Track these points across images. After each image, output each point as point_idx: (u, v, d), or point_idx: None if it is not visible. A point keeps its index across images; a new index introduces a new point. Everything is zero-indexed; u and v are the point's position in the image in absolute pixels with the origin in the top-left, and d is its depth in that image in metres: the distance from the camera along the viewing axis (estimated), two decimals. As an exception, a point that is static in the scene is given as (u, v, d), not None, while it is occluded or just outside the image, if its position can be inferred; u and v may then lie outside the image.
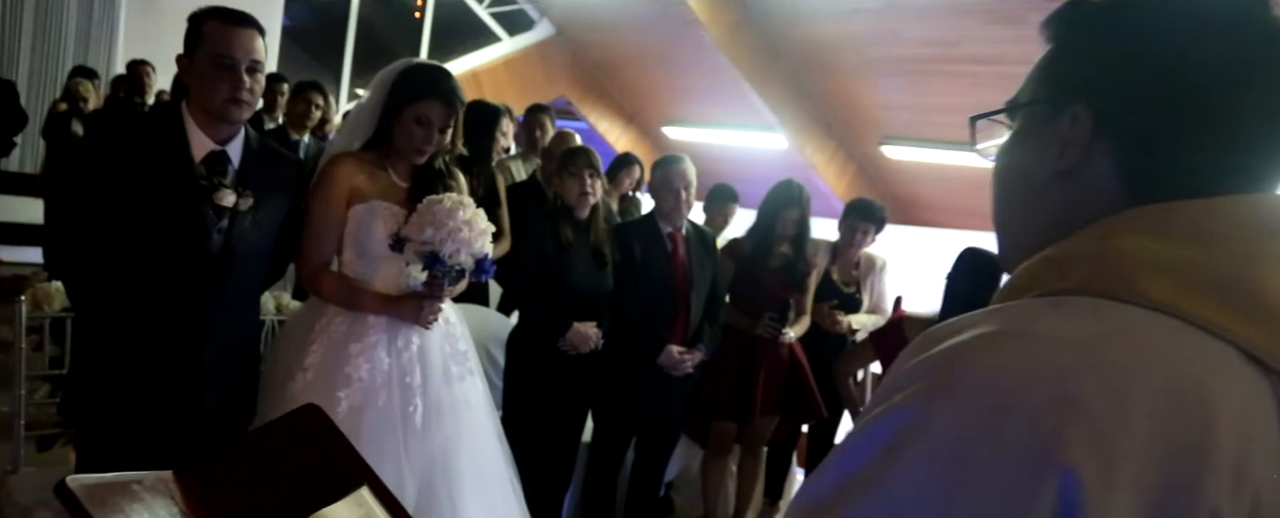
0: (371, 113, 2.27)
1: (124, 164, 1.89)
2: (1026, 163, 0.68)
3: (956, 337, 0.57)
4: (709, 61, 8.16)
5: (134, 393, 1.92)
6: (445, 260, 2.11)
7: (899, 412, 0.55)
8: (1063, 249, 0.63)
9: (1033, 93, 0.69)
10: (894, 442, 0.54)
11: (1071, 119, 0.64)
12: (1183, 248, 0.59)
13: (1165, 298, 0.57)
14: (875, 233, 3.78)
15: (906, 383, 0.56)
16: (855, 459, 0.56)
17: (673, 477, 3.63)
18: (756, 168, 8.14)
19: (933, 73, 7.19)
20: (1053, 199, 0.66)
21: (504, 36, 9.68)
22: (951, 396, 0.54)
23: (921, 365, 0.57)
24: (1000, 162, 0.72)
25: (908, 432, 0.54)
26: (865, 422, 0.57)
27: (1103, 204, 0.63)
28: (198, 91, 1.95)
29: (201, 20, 1.95)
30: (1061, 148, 0.65)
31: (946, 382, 0.54)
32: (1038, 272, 0.63)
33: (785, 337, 3.30)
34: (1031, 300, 0.61)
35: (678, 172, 3.14)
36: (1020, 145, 0.70)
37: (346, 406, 2.09)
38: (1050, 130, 0.66)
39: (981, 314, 0.59)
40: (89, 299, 1.98)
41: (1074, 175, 0.65)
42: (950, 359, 0.56)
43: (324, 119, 4.61)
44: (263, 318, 2.44)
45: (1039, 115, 0.67)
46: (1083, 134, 0.64)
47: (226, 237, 1.96)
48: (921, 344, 0.59)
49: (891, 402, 0.56)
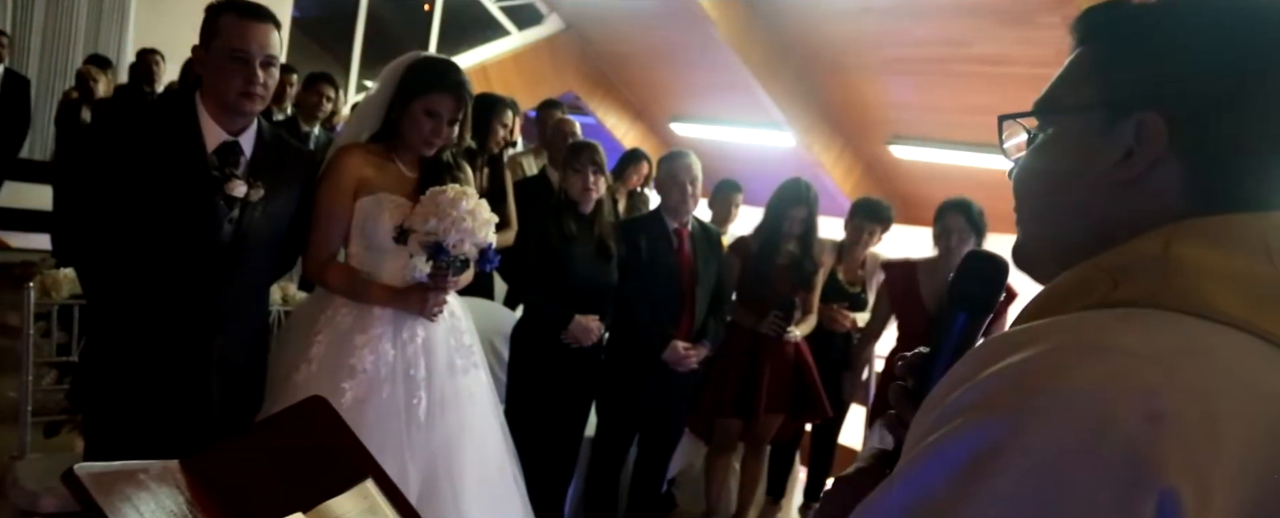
0: (380, 105, 2.27)
1: (135, 152, 1.90)
2: (1071, 167, 0.66)
3: (1025, 350, 0.54)
4: (718, 58, 8.15)
5: (142, 381, 1.93)
6: (449, 250, 2.12)
7: (977, 431, 0.52)
8: (1118, 258, 0.61)
9: (1081, 96, 0.66)
10: (977, 462, 0.51)
11: (1137, 127, 0.62)
12: (1250, 261, 0.58)
13: (1237, 312, 0.56)
14: (881, 233, 3.78)
15: (975, 400, 0.54)
16: (929, 481, 0.53)
17: (675, 473, 3.63)
18: (764, 165, 8.13)
19: (942, 73, 7.16)
20: (1105, 206, 0.64)
21: (513, 30, 9.67)
22: (1034, 413, 0.51)
23: (991, 381, 0.54)
24: (1034, 163, 0.69)
25: (992, 452, 0.51)
26: (932, 441, 0.54)
27: (1162, 213, 0.61)
28: (212, 83, 1.96)
29: (218, 13, 1.95)
30: (1123, 155, 0.63)
31: (1029, 398, 0.52)
32: (1088, 280, 0.61)
33: (790, 335, 3.30)
34: (1099, 313, 0.58)
35: (683, 166, 3.14)
36: (1061, 149, 0.67)
37: (351, 397, 2.10)
38: (1107, 137, 0.64)
39: (1041, 327, 0.57)
40: (100, 286, 1.99)
41: (1136, 184, 0.63)
42: (1027, 374, 0.53)
43: (334, 111, 4.62)
44: (269, 308, 2.44)
45: (1092, 121, 0.65)
46: (1157, 143, 0.62)
47: (237, 227, 1.97)
48: (980, 357, 0.57)
49: (962, 420, 0.53)
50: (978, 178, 7.26)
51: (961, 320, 0.71)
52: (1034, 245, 0.70)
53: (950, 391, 0.56)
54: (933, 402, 0.58)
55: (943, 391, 0.57)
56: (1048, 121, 0.69)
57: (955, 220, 3.14)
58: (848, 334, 3.65)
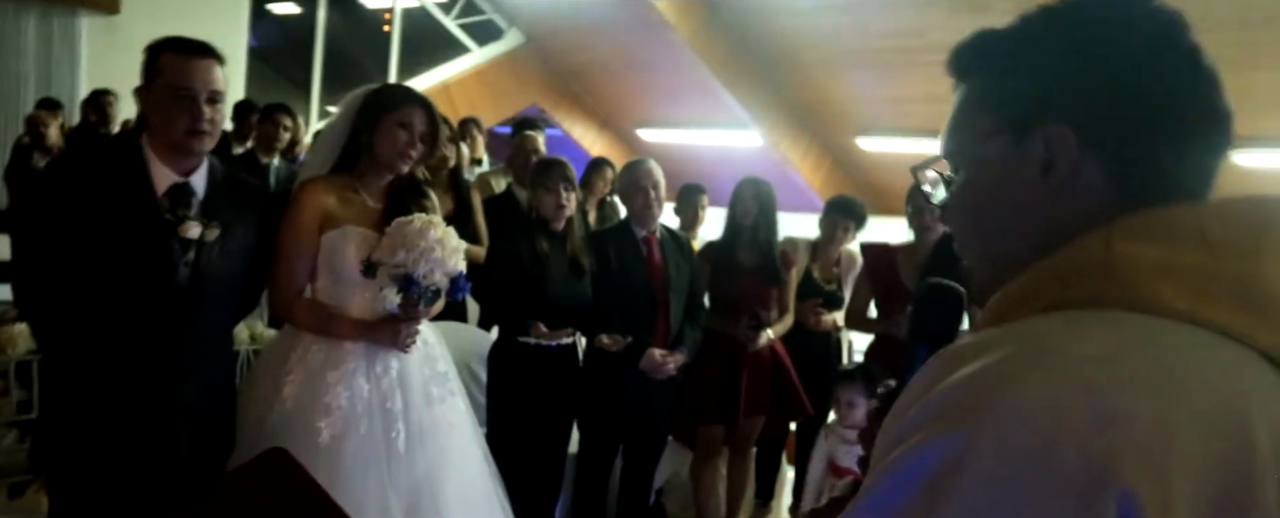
0: (340, 135, 2.25)
1: (85, 199, 1.85)
2: (997, 194, 0.68)
3: (976, 361, 0.55)
4: (680, 62, 8.16)
5: (107, 434, 1.88)
6: (420, 282, 2.09)
7: (933, 447, 0.52)
8: (1061, 261, 0.62)
9: (982, 127, 0.68)
10: (936, 479, 0.51)
11: (1045, 140, 0.64)
12: (1189, 253, 0.58)
13: (1182, 305, 0.56)
14: (856, 229, 3.78)
15: (931, 415, 0.54)
16: (891, 501, 0.53)
17: (662, 482, 3.60)
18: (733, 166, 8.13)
19: (903, 63, 7.21)
20: (1042, 218, 0.65)
21: (473, 47, 9.62)
22: (988, 425, 0.51)
23: (946, 395, 0.54)
24: (960, 201, 0.71)
25: (949, 468, 0.51)
26: (892, 459, 0.54)
27: (1096, 213, 0.62)
28: (157, 124, 1.91)
29: (158, 52, 1.91)
30: (1043, 169, 0.64)
31: (980, 411, 0.52)
32: (1035, 286, 0.62)
33: (761, 340, 3.28)
34: (1044, 318, 0.59)
35: (643, 172, 3.14)
36: (982, 181, 0.69)
37: (328, 435, 2.06)
38: (1019, 156, 0.65)
39: (992, 336, 0.57)
40: (57, 339, 1.94)
41: (1062, 191, 0.64)
42: (977, 387, 0.53)
43: (294, 140, 4.55)
44: (237, 348, 2.39)
45: (1000, 144, 0.67)
46: (1069, 149, 0.63)
47: (194, 269, 1.92)
48: (934, 371, 0.57)
49: (920, 437, 0.53)
50: (945, 165, 7.31)
51: (924, 354, 0.70)
52: (985, 278, 0.70)
53: (908, 407, 0.56)
54: (892, 419, 0.58)
55: (901, 407, 0.57)
56: (960, 159, 0.70)
57: (923, 200, 3.14)
58: (826, 334, 3.64)
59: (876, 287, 3.32)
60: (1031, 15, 0.67)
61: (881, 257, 3.32)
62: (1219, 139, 0.65)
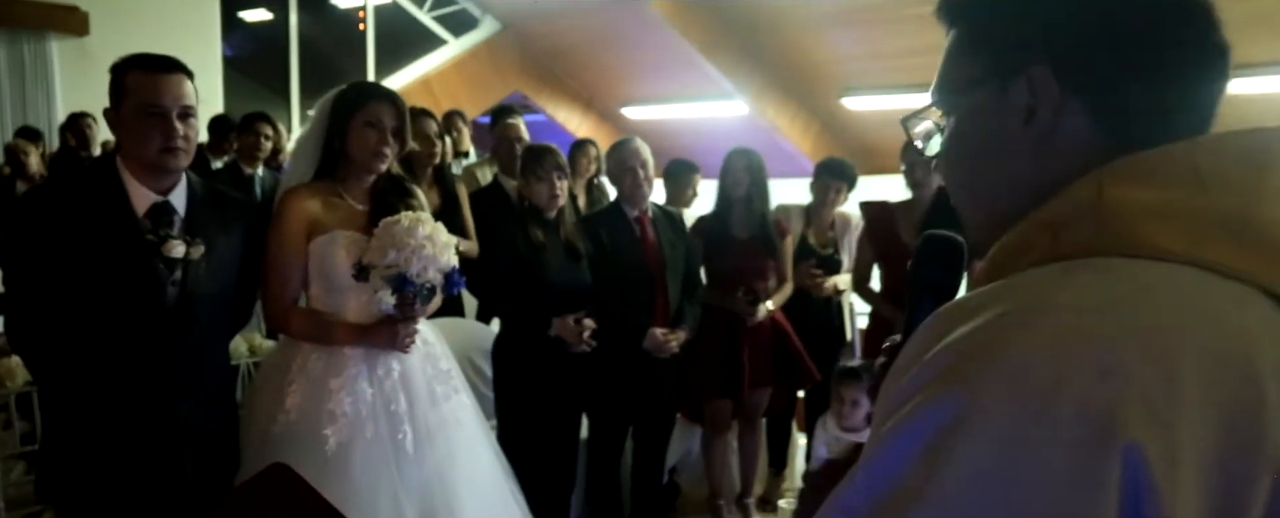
0: (317, 140, 2.22)
1: (66, 227, 1.82)
2: (986, 142, 0.66)
3: (971, 320, 0.53)
4: (658, 37, 8.09)
5: (111, 460, 1.87)
6: (414, 280, 2.07)
7: (932, 410, 0.51)
8: (1052, 211, 0.60)
9: (970, 73, 0.67)
10: (936, 441, 0.50)
11: (1028, 83, 0.62)
12: (1183, 193, 0.57)
13: (1177, 247, 0.55)
14: (847, 191, 3.76)
15: (929, 378, 0.53)
16: (891, 466, 0.52)
17: (675, 461, 3.61)
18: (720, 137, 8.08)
19: (882, 20, 7.15)
20: (1030, 167, 0.64)
21: (449, 39, 9.54)
22: (987, 384, 0.50)
23: (942, 356, 0.53)
24: (954, 150, 0.70)
25: (948, 429, 0.50)
26: (891, 426, 0.53)
27: (1085, 159, 0.61)
28: (130, 144, 1.88)
29: (124, 71, 1.87)
30: (1026, 114, 0.63)
31: (977, 371, 0.51)
32: (1028, 237, 0.61)
33: (759, 313, 3.26)
34: (1037, 271, 0.57)
35: (630, 151, 3.12)
36: (970, 128, 0.68)
37: (334, 442, 2.05)
38: (1005, 101, 0.64)
39: (987, 293, 0.56)
40: (51, 370, 1.92)
41: (1049, 137, 0.63)
42: (975, 346, 0.52)
43: (276, 149, 4.51)
44: (236, 362, 2.38)
45: (988, 92, 0.65)
46: (1050, 93, 0.62)
47: (181, 288, 1.90)
48: (931, 332, 0.55)
49: (918, 400, 0.52)
50: (934, 119, 7.28)
51: (927, 307, 0.69)
52: (980, 230, 0.69)
53: (906, 369, 0.55)
54: (891, 379, 0.57)
55: (899, 367, 0.57)
56: (949, 106, 0.69)
57: (918, 153, 3.11)
58: (827, 299, 3.63)
59: (877, 245, 3.30)
60: None
61: (880, 215, 3.30)
62: (1215, 73, 0.63)
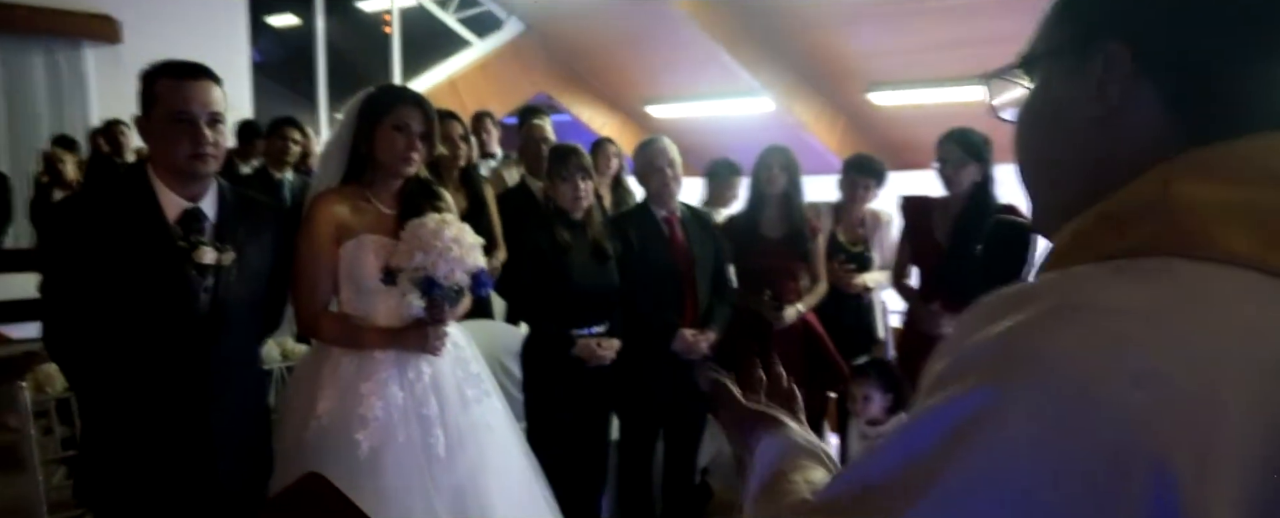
0: (344, 144, 2.23)
1: (100, 234, 1.84)
2: (1057, 115, 0.63)
3: (1016, 314, 0.51)
4: (682, 34, 8.06)
5: (146, 466, 1.88)
6: (442, 283, 2.07)
7: (965, 399, 0.50)
8: (1116, 203, 0.57)
9: (1050, 40, 0.64)
10: (960, 430, 0.49)
11: (1104, 57, 0.59)
12: (1256, 192, 0.53)
13: (1244, 250, 0.51)
14: (876, 187, 3.71)
15: (966, 367, 0.51)
16: (912, 445, 0.51)
17: (706, 463, 3.58)
18: (747, 134, 8.05)
19: (909, 13, 7.08)
20: (1094, 150, 0.60)
21: (474, 40, 9.58)
22: (1021, 381, 0.48)
23: (983, 348, 0.51)
24: (1024, 119, 0.66)
25: (975, 420, 0.48)
26: (924, 407, 0.52)
27: (1155, 149, 0.57)
28: (160, 151, 1.89)
29: (154, 78, 1.88)
30: (1098, 90, 0.59)
31: (1014, 366, 0.49)
32: (1090, 231, 0.58)
33: (787, 317, 3.22)
34: (1092, 267, 0.54)
35: (658, 150, 3.09)
36: (1046, 98, 0.64)
37: (367, 447, 2.05)
38: (1080, 75, 0.60)
39: (1037, 286, 0.54)
40: (86, 376, 1.93)
41: (1116, 119, 0.59)
42: (1013, 341, 0.50)
43: (305, 153, 4.54)
44: (269, 367, 2.39)
45: (1065, 63, 0.62)
46: (1121, 71, 0.58)
47: (213, 294, 1.91)
48: (977, 318, 0.53)
49: (952, 388, 0.51)
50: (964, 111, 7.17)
51: None
52: (1044, 208, 0.66)
53: (947, 353, 0.54)
54: (933, 363, 0.55)
55: (941, 351, 0.55)
56: (1030, 73, 0.66)
57: (950, 150, 3.06)
58: (858, 296, 3.59)
59: (913, 242, 3.24)
60: None
61: (919, 211, 3.24)
62: None
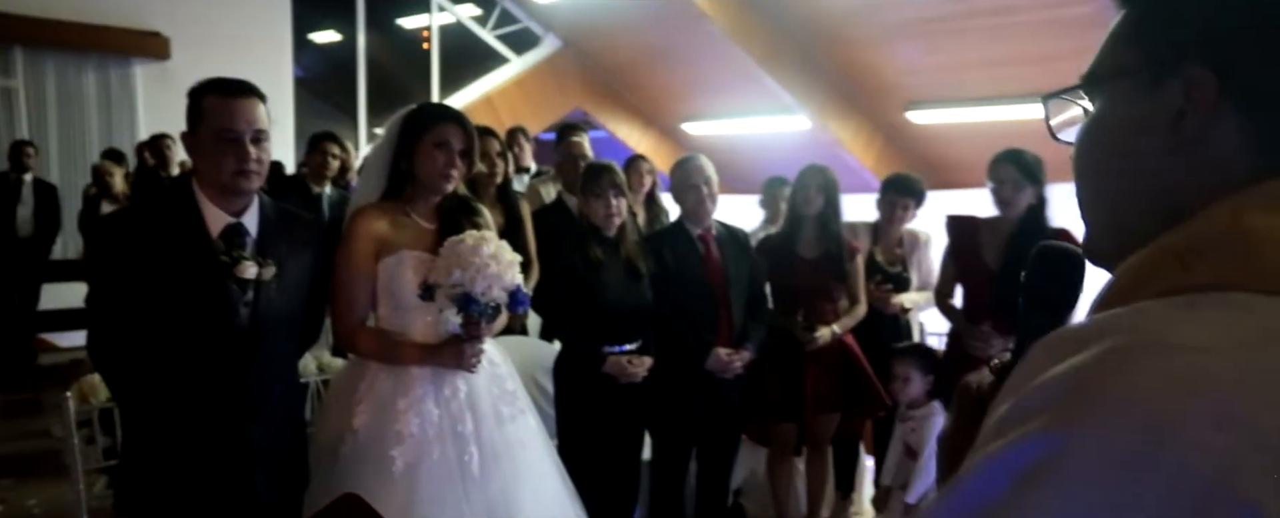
0: (385, 161, 2.25)
1: (145, 247, 1.87)
2: (1124, 141, 0.60)
3: (1080, 353, 0.49)
4: (719, 52, 8.07)
5: (184, 478, 1.90)
6: (479, 299, 2.07)
7: (1028, 445, 0.47)
8: (1185, 235, 0.54)
9: (1118, 59, 0.61)
10: (1029, 476, 0.46)
11: (1185, 83, 0.56)
12: None
13: None
14: (915, 207, 3.66)
15: (1031, 410, 0.48)
16: (984, 492, 0.48)
17: (740, 483, 3.54)
18: (782, 152, 8.03)
19: (951, 31, 7.02)
20: (1163, 179, 0.58)
21: (512, 57, 9.68)
22: (1090, 425, 0.46)
23: (1048, 390, 0.49)
24: (1086, 143, 0.64)
25: (1041, 468, 0.46)
26: (984, 454, 0.49)
27: (1228, 178, 0.55)
28: (205, 167, 1.92)
29: (201, 95, 1.92)
30: (1175, 117, 0.57)
31: (1081, 409, 0.46)
32: (1155, 264, 0.55)
33: (818, 339, 3.18)
34: (1159, 303, 0.52)
35: (694, 168, 3.08)
36: (1112, 122, 0.62)
37: (402, 463, 2.05)
38: (1154, 100, 0.58)
39: (1102, 322, 0.51)
40: (128, 387, 1.96)
41: (1193, 148, 0.56)
42: (1080, 382, 0.48)
43: (344, 167, 4.60)
44: (305, 380, 2.41)
45: (1138, 84, 0.59)
46: (1206, 98, 0.55)
47: (253, 308, 1.93)
48: (1039, 360, 0.51)
49: (1017, 432, 0.48)
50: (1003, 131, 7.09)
51: (1039, 324, 0.64)
52: (1101, 235, 0.63)
53: (1009, 396, 0.51)
54: (996, 406, 0.52)
55: (1000, 398, 0.52)
56: (1094, 94, 0.64)
57: (1007, 170, 2.99)
58: (896, 317, 3.54)
59: (959, 263, 3.18)
60: None
61: (965, 231, 3.17)
62: None
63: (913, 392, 2.97)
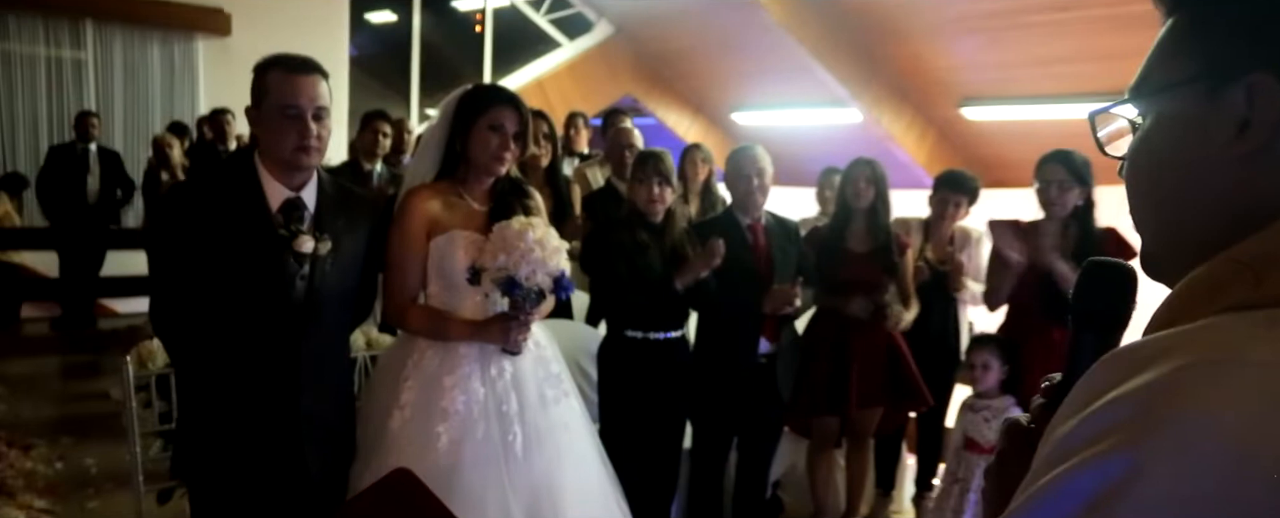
0: (440, 141, 2.27)
1: (206, 220, 1.92)
2: (1184, 151, 0.58)
3: (1147, 371, 0.47)
4: (772, 42, 8.00)
5: (236, 446, 1.95)
6: (522, 284, 2.08)
7: (1094, 470, 0.45)
8: (1256, 248, 0.52)
9: (1171, 71, 0.59)
10: (1100, 500, 0.45)
11: (1247, 91, 0.54)
12: None
13: None
14: (968, 205, 3.59)
15: (1099, 431, 0.47)
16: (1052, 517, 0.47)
17: (779, 475, 3.53)
18: (832, 145, 7.94)
19: (1010, 26, 6.87)
20: (1228, 189, 0.56)
21: (564, 42, 9.70)
22: (1161, 448, 0.44)
23: (1111, 410, 0.47)
24: (1139, 155, 0.62)
25: (1112, 494, 0.44)
26: (1048, 481, 0.47)
27: None
28: (267, 142, 1.96)
29: (265, 71, 1.95)
30: (1238, 127, 0.54)
31: (1151, 431, 0.45)
32: (1223, 278, 0.53)
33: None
34: (1233, 318, 0.50)
35: (749, 159, 3.07)
36: (1168, 133, 0.59)
37: (446, 440, 2.08)
38: (1215, 109, 0.56)
39: (1169, 338, 0.49)
40: (186, 356, 2.02)
41: (1259, 156, 0.54)
42: (1152, 400, 0.46)
43: (396, 146, 4.66)
44: (354, 355, 2.45)
45: (1195, 94, 0.57)
46: (1274, 106, 0.53)
47: (309, 283, 1.97)
48: (1101, 380, 0.49)
49: (1081, 457, 0.46)
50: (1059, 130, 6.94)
51: (1090, 343, 0.62)
52: (1160, 250, 0.61)
53: (1069, 417, 0.49)
54: (1052, 429, 0.50)
55: (1063, 414, 0.50)
56: (1146, 106, 0.61)
57: (1055, 171, 2.93)
58: (944, 315, 3.49)
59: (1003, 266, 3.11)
60: None
61: (1006, 235, 3.11)
62: None
63: (990, 381, 2.96)
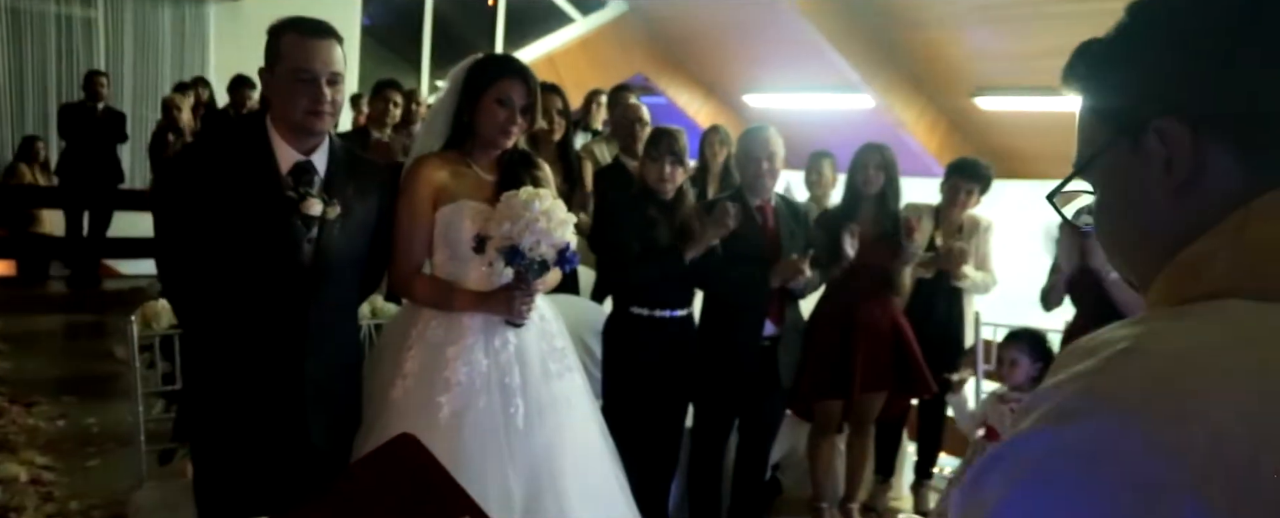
0: (448, 111, 2.25)
1: (215, 180, 1.91)
2: (1129, 201, 0.65)
3: (1089, 359, 0.54)
4: (787, 25, 7.94)
5: (240, 409, 1.95)
6: (525, 253, 2.07)
7: (1027, 439, 0.53)
8: (1194, 250, 0.59)
9: (1095, 141, 0.66)
10: (1013, 471, 0.52)
11: (1159, 136, 0.60)
12: None
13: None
14: (980, 193, 3.57)
15: (1033, 408, 0.55)
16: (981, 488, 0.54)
17: (779, 458, 3.54)
18: (844, 130, 7.89)
19: (1027, 16, 6.81)
20: (1175, 216, 0.62)
21: (577, 17, 9.64)
22: (1075, 421, 0.51)
23: (1054, 391, 0.54)
24: (1103, 218, 0.68)
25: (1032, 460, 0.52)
26: (993, 450, 0.55)
27: (1232, 199, 0.59)
28: (279, 105, 1.95)
29: (280, 33, 1.94)
30: (1165, 165, 0.61)
31: (1073, 408, 0.52)
32: (1172, 279, 0.61)
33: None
34: (1162, 311, 0.58)
35: (760, 141, 3.05)
36: (1116, 192, 0.66)
37: (448, 410, 2.08)
38: (1141, 158, 0.62)
39: (1114, 332, 0.57)
40: (193, 316, 2.02)
41: (1193, 185, 0.60)
42: (1077, 383, 0.53)
43: (406, 116, 4.64)
44: (358, 323, 2.45)
45: (1121, 152, 0.64)
46: (1181, 142, 0.60)
47: (317, 247, 1.96)
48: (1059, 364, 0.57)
49: (1021, 426, 0.54)
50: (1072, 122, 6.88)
51: None
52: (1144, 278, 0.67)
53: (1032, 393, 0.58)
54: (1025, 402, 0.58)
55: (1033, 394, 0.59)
56: (1089, 177, 0.69)
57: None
58: (950, 304, 3.48)
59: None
60: (1132, 7, 0.64)
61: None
62: None
63: (1018, 376, 2.98)
